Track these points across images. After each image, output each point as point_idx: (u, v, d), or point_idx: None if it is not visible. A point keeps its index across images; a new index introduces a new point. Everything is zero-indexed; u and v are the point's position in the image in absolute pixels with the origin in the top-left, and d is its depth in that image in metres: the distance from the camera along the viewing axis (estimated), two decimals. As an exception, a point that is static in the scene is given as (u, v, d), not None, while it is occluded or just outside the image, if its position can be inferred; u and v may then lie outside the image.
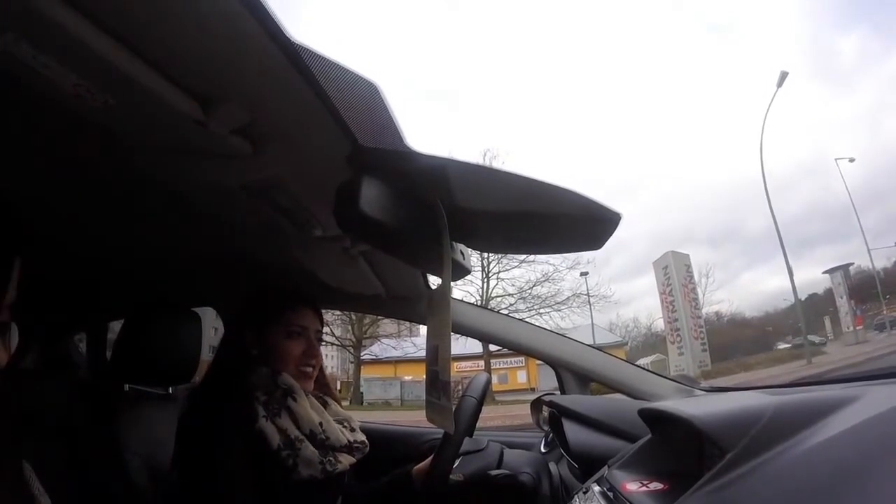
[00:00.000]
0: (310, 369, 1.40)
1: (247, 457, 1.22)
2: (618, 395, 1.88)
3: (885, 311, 25.80)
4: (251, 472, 1.21)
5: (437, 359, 0.92)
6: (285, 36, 0.70)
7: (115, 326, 2.14)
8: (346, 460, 1.35)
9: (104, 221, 1.38)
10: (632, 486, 0.93)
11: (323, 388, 1.49)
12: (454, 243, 1.03)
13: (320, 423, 1.32)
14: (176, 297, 1.94)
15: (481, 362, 21.66)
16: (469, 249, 1.13)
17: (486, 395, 1.42)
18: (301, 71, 0.76)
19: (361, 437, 1.43)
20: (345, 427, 1.41)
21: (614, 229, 0.93)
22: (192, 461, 1.23)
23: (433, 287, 1.27)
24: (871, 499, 0.53)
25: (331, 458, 1.31)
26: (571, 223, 0.93)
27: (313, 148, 0.98)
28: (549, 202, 0.88)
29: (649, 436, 1.08)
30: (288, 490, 1.25)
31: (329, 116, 0.86)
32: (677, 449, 0.96)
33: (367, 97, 0.83)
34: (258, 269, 1.68)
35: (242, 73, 0.80)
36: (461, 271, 1.09)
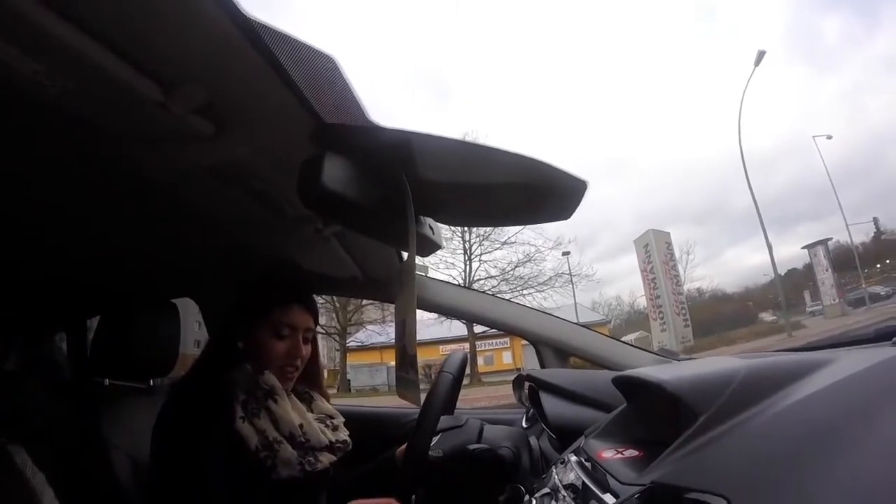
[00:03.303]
0: (291, 370, 1.37)
1: (223, 456, 1.20)
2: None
3: (863, 285, 26.28)
4: (228, 471, 1.20)
5: (404, 333, 0.92)
6: (240, 12, 0.69)
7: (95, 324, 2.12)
8: (326, 459, 1.33)
9: (72, 213, 1.35)
10: (608, 455, 0.93)
11: (311, 384, 1.48)
12: (423, 218, 1.03)
13: (300, 425, 1.30)
14: (154, 289, 1.92)
15: (466, 345, 21.79)
16: (440, 225, 1.12)
17: (463, 371, 1.41)
18: (257, 47, 0.75)
19: (343, 435, 1.41)
20: (327, 426, 1.40)
21: (581, 198, 0.93)
22: (167, 458, 1.22)
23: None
24: (841, 459, 0.52)
25: (310, 458, 1.30)
26: (538, 193, 0.93)
27: (276, 125, 0.97)
28: (514, 172, 0.88)
29: (625, 405, 1.09)
30: (267, 489, 1.24)
31: (289, 92, 0.85)
32: (652, 416, 0.96)
33: (326, 71, 0.82)
34: (235, 257, 1.67)
35: (199, 52, 0.78)
36: (431, 246, 1.08)
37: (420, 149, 0.85)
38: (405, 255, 1.61)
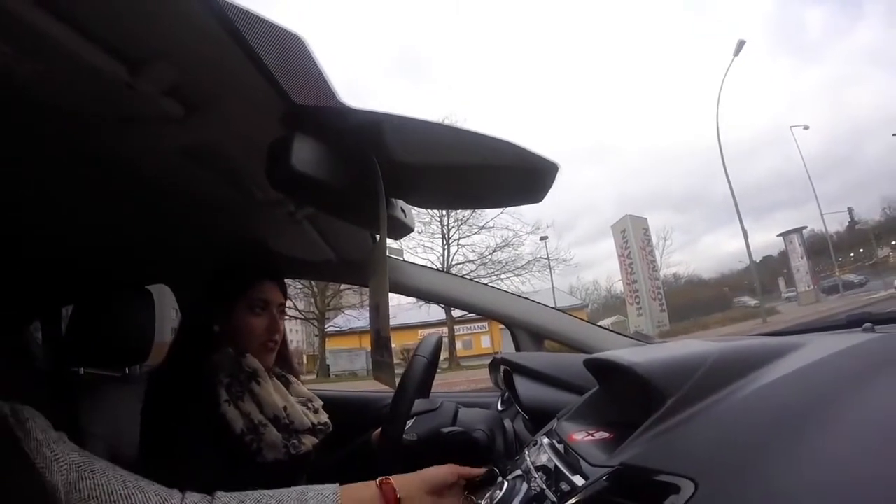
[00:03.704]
0: (272, 345, 1.40)
1: (209, 440, 1.21)
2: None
3: (837, 273, 26.84)
4: (214, 456, 1.20)
5: (378, 316, 0.92)
6: None
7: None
8: (309, 441, 1.35)
9: (45, 200, 1.33)
10: (578, 437, 0.93)
11: (285, 366, 1.49)
12: (395, 201, 1.03)
13: (284, 408, 1.32)
14: (128, 276, 1.90)
15: (445, 329, 21.85)
16: (413, 208, 1.11)
17: (438, 354, 1.42)
18: (225, 26, 0.74)
19: (324, 418, 1.44)
20: (308, 409, 1.41)
21: (553, 180, 0.93)
22: (155, 445, 1.22)
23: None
24: (807, 441, 0.53)
25: (294, 441, 1.31)
26: (509, 175, 0.93)
27: (246, 107, 0.95)
28: (485, 154, 0.88)
29: (597, 387, 1.09)
30: (252, 471, 1.23)
31: (257, 73, 0.83)
32: (623, 398, 0.97)
33: (294, 51, 0.80)
34: (209, 241, 1.66)
35: (167, 32, 0.77)
36: (403, 229, 1.08)
37: (391, 130, 0.84)
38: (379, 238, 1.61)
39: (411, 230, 1.11)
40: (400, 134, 0.85)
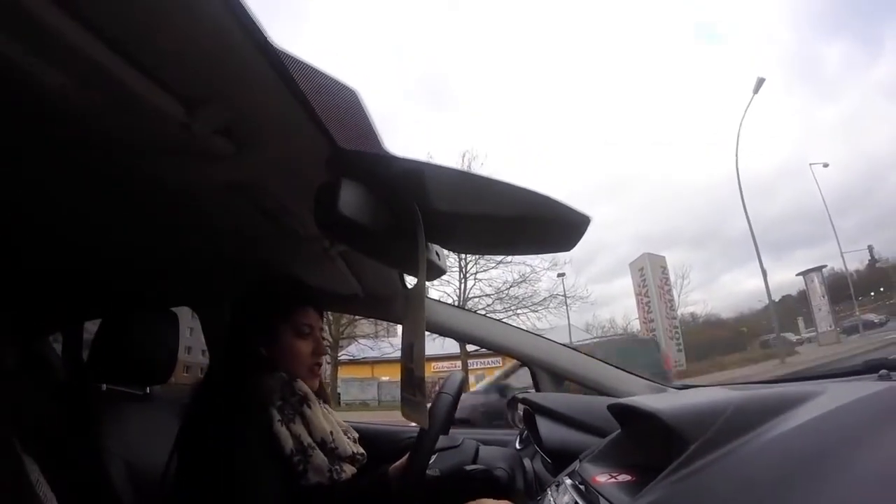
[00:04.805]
0: (318, 368, 1.44)
1: (261, 459, 1.23)
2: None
3: (857, 312, 26.27)
4: (265, 474, 1.22)
5: (412, 356, 0.94)
6: (268, 41, 0.72)
7: (90, 326, 2.12)
8: (349, 470, 1.38)
9: (83, 219, 1.37)
10: (601, 479, 0.95)
11: (321, 394, 1.50)
12: (429, 244, 1.05)
13: (331, 433, 1.35)
14: (153, 297, 1.93)
15: (458, 362, 21.59)
16: (444, 250, 1.15)
17: (461, 392, 1.44)
18: (282, 75, 0.78)
19: (361, 448, 1.46)
20: (349, 437, 1.44)
21: (584, 232, 0.96)
22: (206, 461, 1.22)
23: (409, 287, 1.29)
24: (825, 488, 0.55)
25: (337, 467, 1.34)
26: (542, 226, 0.96)
27: (294, 150, 1.00)
28: (520, 205, 0.91)
29: (619, 430, 1.11)
30: (294, 494, 1.27)
31: (309, 120, 0.88)
32: (645, 442, 0.98)
33: (347, 102, 0.85)
34: (241, 270, 1.68)
35: (225, 77, 0.82)
36: (436, 271, 1.11)
37: (432, 179, 0.87)
38: (408, 276, 1.64)
39: (444, 272, 1.13)
40: (439, 183, 0.87)
